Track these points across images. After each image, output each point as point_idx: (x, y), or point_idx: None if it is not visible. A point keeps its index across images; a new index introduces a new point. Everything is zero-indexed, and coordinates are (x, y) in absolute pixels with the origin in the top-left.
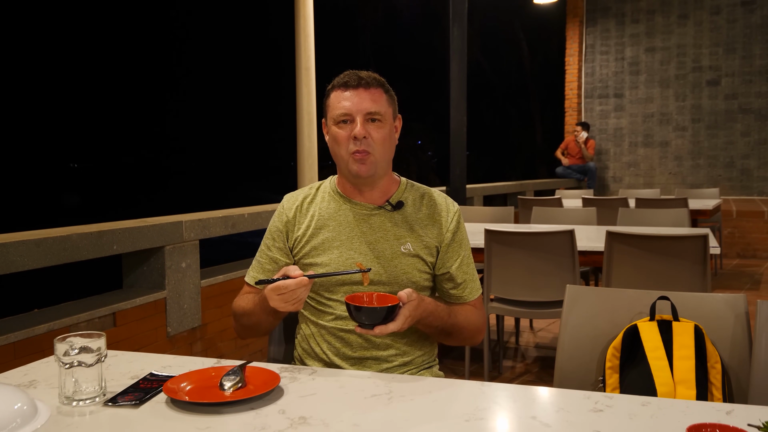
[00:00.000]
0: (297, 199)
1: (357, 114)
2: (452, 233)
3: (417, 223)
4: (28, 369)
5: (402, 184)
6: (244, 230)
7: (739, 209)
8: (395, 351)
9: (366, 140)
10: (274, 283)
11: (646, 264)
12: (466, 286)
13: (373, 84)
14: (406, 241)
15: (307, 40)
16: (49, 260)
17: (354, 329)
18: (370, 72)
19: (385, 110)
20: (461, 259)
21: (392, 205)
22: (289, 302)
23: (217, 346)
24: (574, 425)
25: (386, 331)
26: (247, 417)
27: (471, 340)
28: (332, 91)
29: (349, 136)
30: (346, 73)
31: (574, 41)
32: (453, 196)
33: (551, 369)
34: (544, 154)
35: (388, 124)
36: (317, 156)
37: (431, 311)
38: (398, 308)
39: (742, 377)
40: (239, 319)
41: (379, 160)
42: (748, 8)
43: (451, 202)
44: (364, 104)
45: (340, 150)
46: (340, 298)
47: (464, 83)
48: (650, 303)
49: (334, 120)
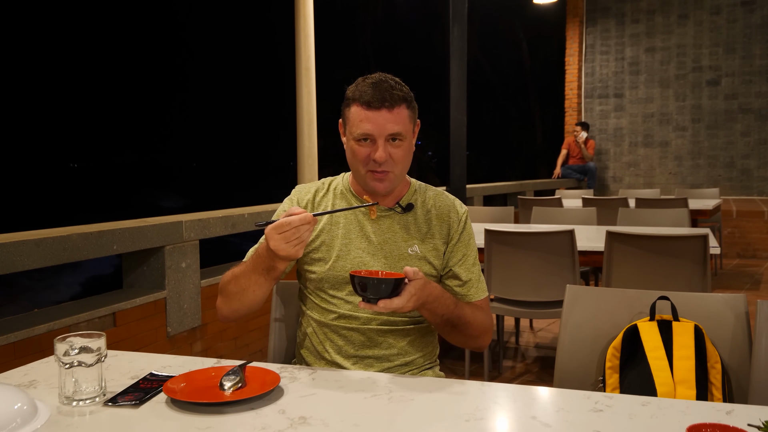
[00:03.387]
0: (309, 192)
1: (379, 137)
2: (459, 234)
3: (425, 225)
4: (28, 369)
5: (412, 186)
6: (244, 230)
7: (739, 209)
8: (397, 350)
9: (387, 162)
10: (276, 222)
11: (646, 264)
12: (471, 285)
13: (397, 102)
14: (414, 244)
15: (307, 40)
16: (49, 260)
17: (359, 328)
18: (394, 83)
19: (406, 128)
20: (466, 257)
21: (402, 207)
22: (291, 242)
23: (217, 346)
24: (574, 425)
25: (391, 306)
26: (247, 417)
27: (477, 341)
28: (353, 103)
29: (369, 155)
30: (368, 86)
31: (574, 41)
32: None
33: (551, 369)
34: (544, 154)
35: (408, 139)
36: (317, 156)
37: (437, 296)
38: (403, 283)
39: (742, 377)
40: (226, 286)
41: (399, 175)
42: (748, 8)
43: (459, 204)
44: (386, 127)
45: (358, 165)
46: (345, 296)
47: (464, 83)
48: (650, 303)
49: (353, 136)
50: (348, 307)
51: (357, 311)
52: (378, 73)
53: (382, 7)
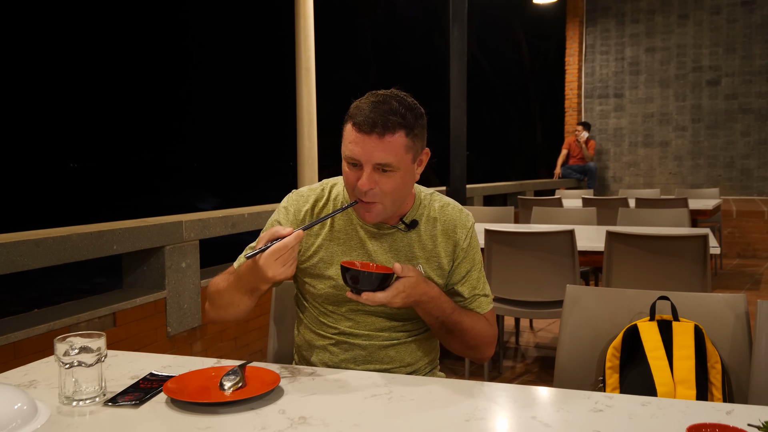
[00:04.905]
0: (308, 202)
1: (365, 164)
2: (464, 251)
3: (430, 242)
4: (28, 369)
5: (417, 199)
6: (244, 230)
7: (739, 209)
8: (398, 363)
9: (372, 191)
10: (270, 248)
11: (646, 264)
12: (475, 299)
13: (391, 129)
14: (418, 263)
15: (307, 40)
16: (49, 260)
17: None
18: (397, 106)
19: (399, 158)
20: (471, 273)
21: (406, 224)
22: (288, 262)
23: (217, 346)
24: (574, 425)
25: (374, 299)
26: (247, 417)
27: (477, 351)
28: (349, 120)
29: (356, 180)
30: (367, 104)
31: (574, 41)
32: (453, 196)
33: (551, 369)
34: (544, 154)
35: (402, 171)
36: (317, 156)
37: (432, 297)
38: (391, 278)
39: (742, 377)
40: (212, 297)
41: (389, 207)
42: (748, 8)
43: (466, 216)
44: (374, 154)
45: (348, 188)
46: (345, 312)
47: (464, 83)
48: (650, 303)
49: (343, 155)
50: (348, 324)
51: (358, 329)
52: (391, 90)
53: (382, 7)
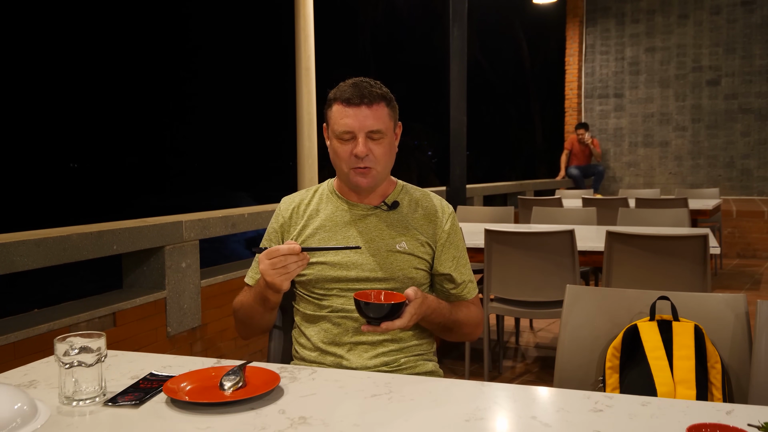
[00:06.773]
0: (294, 201)
1: (359, 132)
2: (447, 233)
3: (412, 222)
4: (28, 369)
5: (398, 186)
6: (244, 230)
7: (739, 209)
8: (390, 335)
9: (368, 157)
10: (266, 251)
11: (646, 264)
12: (465, 286)
13: (376, 99)
14: (401, 240)
15: (307, 40)
16: (49, 260)
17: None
18: (373, 83)
19: (386, 125)
20: (458, 260)
21: (388, 205)
22: (278, 269)
23: (217, 346)
24: (574, 425)
25: (392, 327)
26: (247, 417)
27: (470, 336)
28: (334, 102)
29: (351, 152)
30: (348, 86)
31: (574, 41)
32: (453, 196)
33: (551, 369)
34: (544, 154)
35: (388, 138)
36: (317, 156)
37: (434, 308)
38: (405, 305)
39: (742, 377)
40: (236, 313)
41: (381, 172)
42: (748, 8)
43: (446, 204)
44: (366, 122)
45: (341, 163)
46: (337, 292)
47: (464, 83)
48: (650, 303)
49: (335, 134)
50: (341, 301)
51: (349, 304)
52: (357, 78)
53: (382, 6)
